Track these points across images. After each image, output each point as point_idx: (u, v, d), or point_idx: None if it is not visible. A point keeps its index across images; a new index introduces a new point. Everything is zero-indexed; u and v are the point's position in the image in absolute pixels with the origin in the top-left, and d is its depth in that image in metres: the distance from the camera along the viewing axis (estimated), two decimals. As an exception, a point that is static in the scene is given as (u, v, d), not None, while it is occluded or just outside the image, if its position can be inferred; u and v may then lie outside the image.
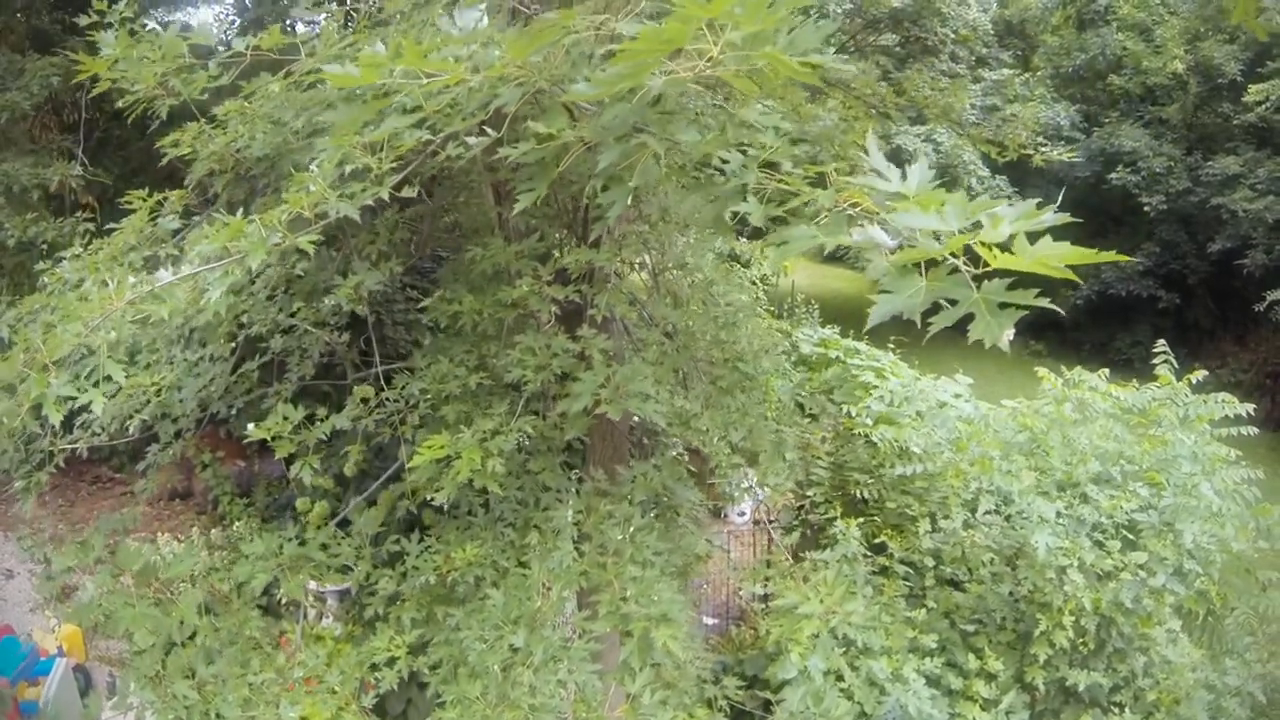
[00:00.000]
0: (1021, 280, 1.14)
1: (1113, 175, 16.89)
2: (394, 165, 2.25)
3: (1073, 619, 4.40)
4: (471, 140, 2.08)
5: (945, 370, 17.87)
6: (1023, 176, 17.47)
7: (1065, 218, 1.45)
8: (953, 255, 1.17)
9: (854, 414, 7.45)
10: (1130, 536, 4.91)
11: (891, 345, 12.67)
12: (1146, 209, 16.61)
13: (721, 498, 6.81)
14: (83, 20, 3.97)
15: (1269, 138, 16.01)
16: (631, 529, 3.44)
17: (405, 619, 3.56)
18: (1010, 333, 1.20)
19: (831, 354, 12.16)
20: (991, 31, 18.77)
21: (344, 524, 4.12)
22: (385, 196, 2.20)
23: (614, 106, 1.71)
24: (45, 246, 6.36)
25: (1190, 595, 4.95)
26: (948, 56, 17.66)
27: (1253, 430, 6.90)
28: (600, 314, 3.30)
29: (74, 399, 1.94)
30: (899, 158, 16.04)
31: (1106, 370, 7.34)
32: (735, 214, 1.69)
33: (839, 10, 15.43)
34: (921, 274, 1.17)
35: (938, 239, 1.19)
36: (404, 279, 5.46)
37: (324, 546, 3.57)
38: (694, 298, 3.75)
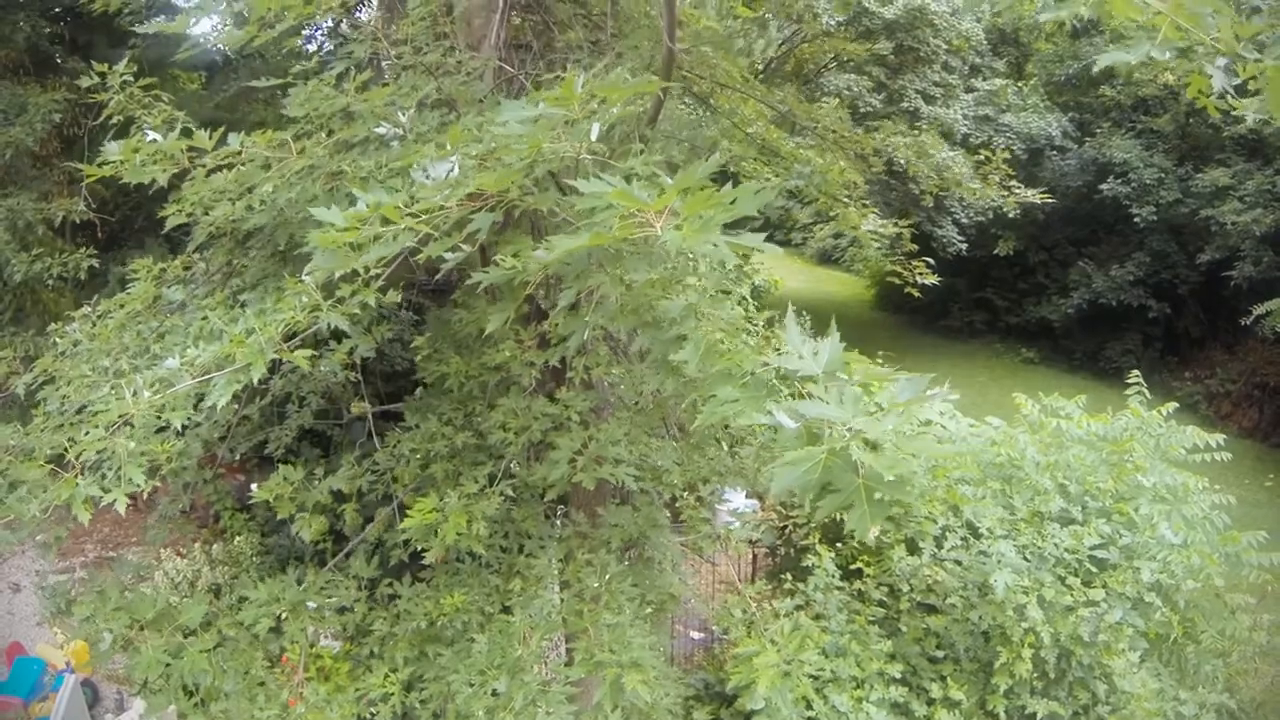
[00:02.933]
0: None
1: (1104, 186, 17.03)
2: (379, 270, 2.47)
3: (1031, 651, 4.63)
4: (449, 255, 2.30)
5: (938, 378, 18.07)
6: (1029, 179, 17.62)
7: (954, 395, 1.67)
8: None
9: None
10: (1093, 570, 5.13)
11: (880, 359, 12.89)
12: (1137, 220, 16.77)
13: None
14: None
15: (1259, 150, 16.15)
16: (608, 576, 3.67)
17: (399, 657, 3.80)
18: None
19: (822, 368, 12.36)
20: (985, 41, 18.88)
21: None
22: (371, 301, 2.41)
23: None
24: (51, 282, 6.56)
25: (1150, 627, 5.18)
26: (940, 66, 17.79)
27: (1226, 456, 7.07)
28: (578, 376, 3.51)
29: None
30: (892, 170, 16.21)
31: (1083, 398, 7.53)
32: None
33: (833, 21, 15.58)
34: (822, 451, 1.38)
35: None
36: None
37: (322, 590, 3.80)
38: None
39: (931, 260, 6.31)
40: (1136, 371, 7.07)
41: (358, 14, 10.25)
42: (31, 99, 8.09)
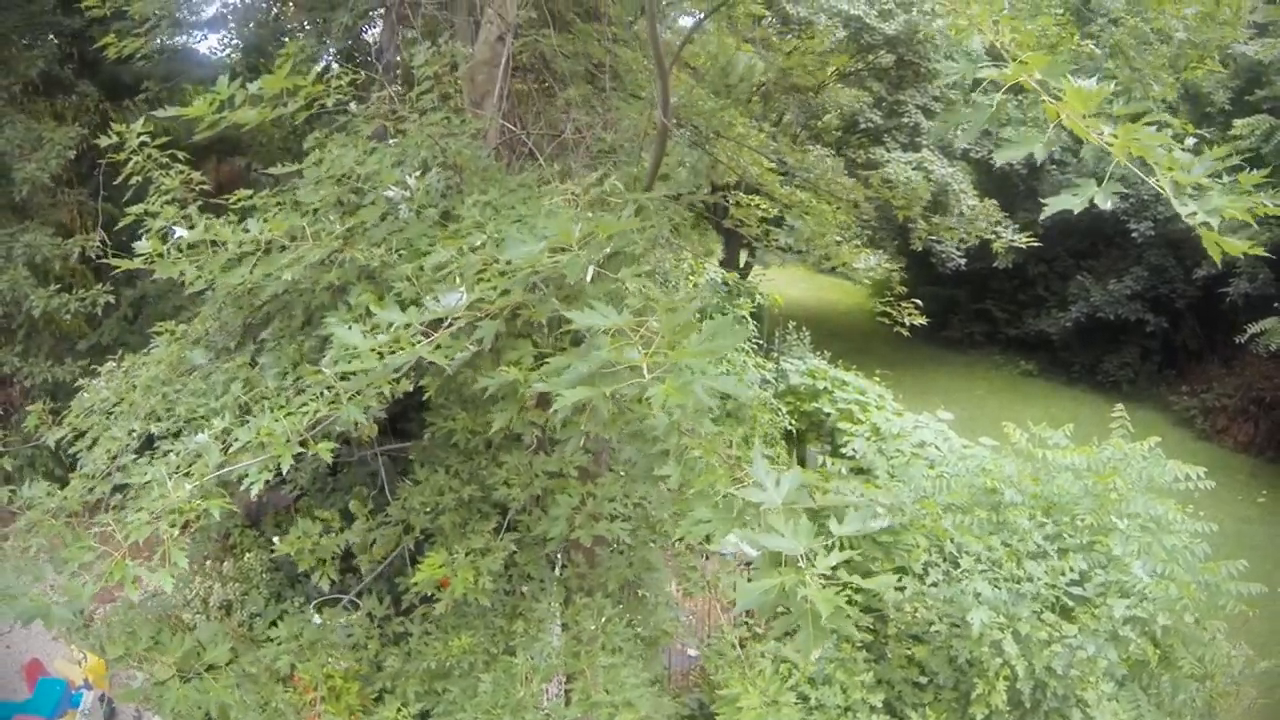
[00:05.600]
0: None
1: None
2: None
3: (1006, 684, 4.87)
4: (458, 355, 2.54)
5: (936, 392, 18.27)
6: (1013, 200, 17.80)
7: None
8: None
9: (829, 464, 7.90)
10: (1069, 604, 5.36)
11: (878, 376, 13.09)
12: (1135, 235, 16.92)
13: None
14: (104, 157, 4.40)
15: (1257, 167, 16.27)
16: (604, 619, 3.91)
17: (410, 692, 4.05)
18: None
19: (819, 385, 12.60)
20: (986, 56, 19.00)
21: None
22: (386, 391, 2.65)
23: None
24: (69, 317, 6.81)
25: (1126, 658, 5.40)
26: (942, 81, 17.94)
27: (1211, 484, 7.25)
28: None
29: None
30: (892, 186, 16.43)
31: (1070, 426, 7.70)
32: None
33: (834, 38, 15.75)
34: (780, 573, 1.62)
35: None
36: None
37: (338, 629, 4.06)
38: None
39: (920, 302, 6.54)
40: (1121, 405, 7.27)
41: (365, 33, 10.49)
42: (46, 133, 8.32)
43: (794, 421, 11.83)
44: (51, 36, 9.58)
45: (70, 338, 9.22)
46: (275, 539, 3.68)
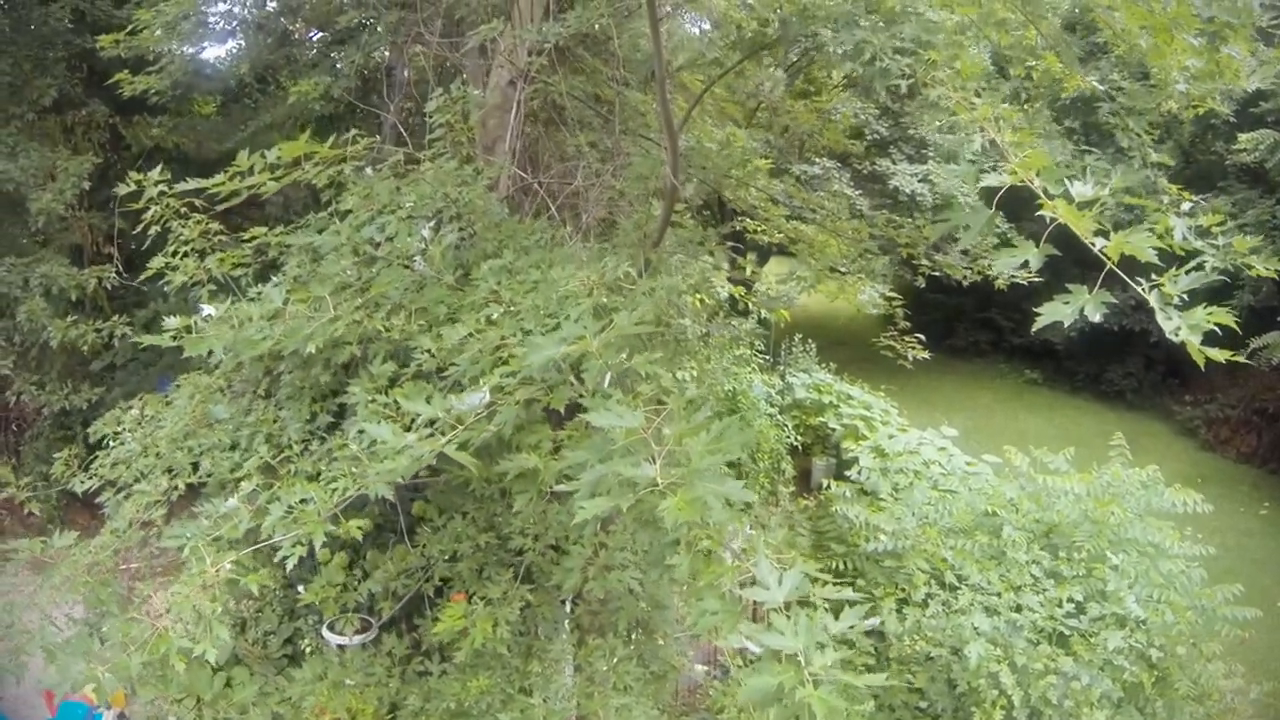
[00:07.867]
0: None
1: (1105, 211, 17.25)
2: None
3: (1003, 713, 5.02)
4: (476, 439, 2.69)
5: (941, 400, 18.25)
6: (1017, 210, 17.84)
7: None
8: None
9: (832, 486, 8.04)
10: (1065, 633, 5.50)
11: (883, 390, 13.17)
12: (1139, 245, 16.98)
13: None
14: (121, 190, 4.55)
15: (1261, 178, 16.32)
16: (615, 660, 4.07)
17: (430, 729, 4.21)
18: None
19: (825, 399, 12.71)
20: (991, 66, 19.08)
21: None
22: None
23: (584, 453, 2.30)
24: (86, 348, 6.95)
25: (1121, 683, 5.54)
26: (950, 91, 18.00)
27: (1209, 508, 7.37)
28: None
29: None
30: (896, 197, 16.53)
31: (1071, 450, 7.82)
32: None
33: (839, 52, 15.79)
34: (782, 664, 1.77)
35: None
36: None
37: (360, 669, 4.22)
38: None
39: (923, 337, 6.70)
40: (1120, 433, 7.38)
41: (374, 51, 10.60)
42: (61, 161, 8.44)
43: (799, 436, 11.97)
44: (62, 50, 9.64)
45: (83, 355, 9.35)
46: (300, 588, 3.84)
